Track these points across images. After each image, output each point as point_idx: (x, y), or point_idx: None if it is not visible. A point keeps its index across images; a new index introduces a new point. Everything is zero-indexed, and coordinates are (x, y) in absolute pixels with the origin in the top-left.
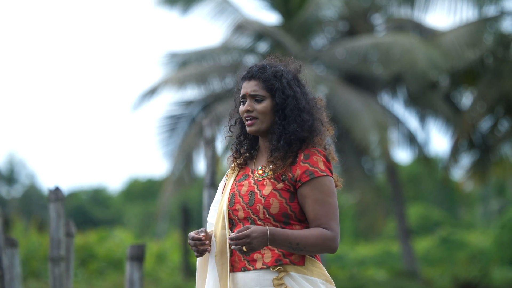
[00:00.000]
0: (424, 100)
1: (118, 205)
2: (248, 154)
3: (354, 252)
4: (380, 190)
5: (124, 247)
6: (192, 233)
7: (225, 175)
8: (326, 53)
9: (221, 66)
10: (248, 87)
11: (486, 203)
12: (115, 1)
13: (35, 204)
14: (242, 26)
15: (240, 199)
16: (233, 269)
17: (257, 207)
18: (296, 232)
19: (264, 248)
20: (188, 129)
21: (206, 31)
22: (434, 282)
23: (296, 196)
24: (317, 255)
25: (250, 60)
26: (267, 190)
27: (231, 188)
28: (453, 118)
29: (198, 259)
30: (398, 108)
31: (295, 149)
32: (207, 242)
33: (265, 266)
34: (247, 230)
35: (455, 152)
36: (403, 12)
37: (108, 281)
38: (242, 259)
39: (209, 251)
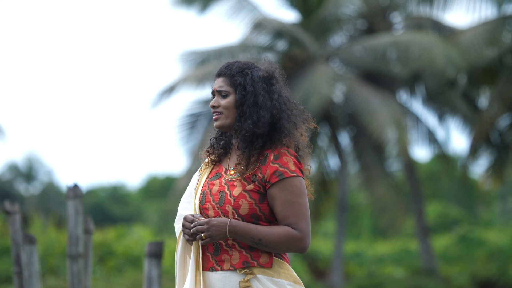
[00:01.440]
0: (442, 99)
1: (137, 202)
2: (222, 150)
3: (372, 250)
4: (399, 188)
5: (143, 244)
6: (189, 215)
7: (199, 169)
8: (345, 51)
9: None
10: (216, 83)
11: (504, 201)
12: (134, 1)
13: (53, 201)
14: (260, 24)
15: (211, 198)
16: (202, 268)
17: (227, 208)
18: (260, 228)
19: (232, 249)
20: (208, 126)
21: (224, 29)
22: (453, 280)
23: (266, 197)
24: (285, 257)
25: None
26: (237, 191)
27: (203, 186)
28: (471, 116)
29: (178, 254)
30: (417, 106)
31: (257, 146)
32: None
33: (232, 268)
34: (208, 219)
35: (473, 150)
36: (422, 10)
37: (127, 278)
38: (210, 258)
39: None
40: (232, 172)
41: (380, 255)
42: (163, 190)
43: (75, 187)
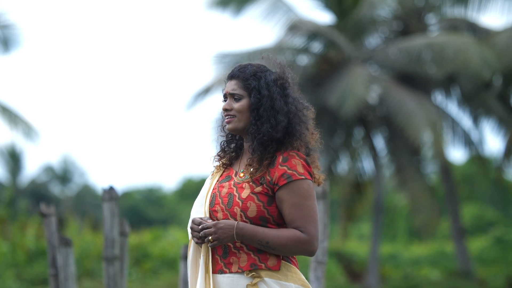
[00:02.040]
0: (477, 100)
1: (173, 205)
2: (234, 154)
3: (408, 252)
4: (434, 190)
5: (178, 246)
6: (197, 218)
7: (211, 173)
8: (380, 53)
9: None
10: (229, 86)
11: None
12: (169, 4)
13: (89, 203)
14: (295, 26)
15: (220, 201)
16: (212, 270)
17: (235, 210)
18: (268, 230)
19: (240, 251)
20: None
21: (259, 31)
22: (489, 282)
23: (275, 200)
24: (293, 260)
25: (304, 60)
26: (245, 193)
27: (213, 189)
28: (507, 117)
29: (190, 257)
30: (452, 108)
31: (271, 150)
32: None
33: (240, 271)
34: (215, 221)
35: (508, 152)
36: (457, 11)
37: (162, 280)
38: (219, 261)
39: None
40: (241, 175)
41: (416, 257)
42: (199, 192)
43: (111, 189)
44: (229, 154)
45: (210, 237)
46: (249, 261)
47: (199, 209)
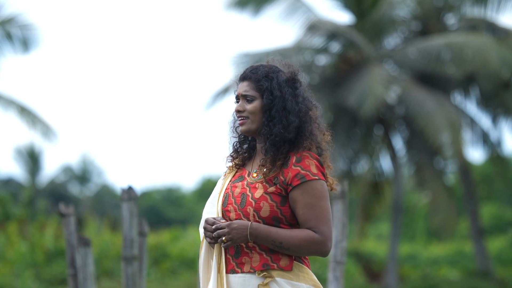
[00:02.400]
0: (496, 100)
1: (192, 205)
2: (246, 154)
3: (427, 252)
4: (452, 190)
5: (197, 246)
6: (211, 218)
7: (223, 173)
8: (399, 53)
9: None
10: (241, 87)
11: None
12: (188, 4)
13: (107, 203)
14: (314, 26)
15: (233, 201)
16: (225, 270)
17: (248, 210)
18: (281, 231)
19: (253, 251)
20: None
21: (277, 31)
22: (508, 282)
23: (288, 200)
24: (305, 260)
25: (322, 60)
26: (258, 193)
27: (226, 189)
28: None
29: (201, 257)
30: (471, 108)
31: (284, 151)
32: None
33: (252, 270)
34: (228, 222)
35: None
36: (476, 11)
37: (181, 280)
38: (231, 261)
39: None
40: (254, 175)
41: (434, 257)
42: None
43: (130, 189)
44: (242, 155)
45: (223, 238)
46: (261, 261)
47: (211, 210)
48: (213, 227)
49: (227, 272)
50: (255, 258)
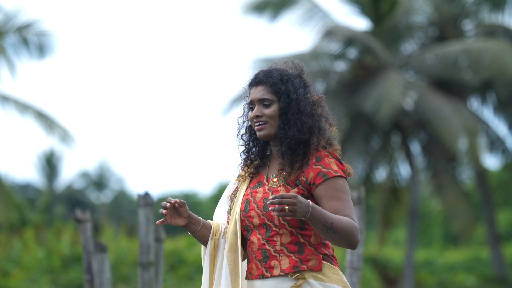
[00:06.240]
0: None
1: (208, 211)
2: (258, 161)
3: (443, 258)
4: (469, 196)
5: None
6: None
7: (236, 179)
8: (416, 59)
9: (310, 72)
10: (256, 92)
11: None
12: (206, 9)
13: (124, 209)
14: (331, 32)
15: (255, 206)
16: (250, 276)
17: (272, 213)
18: (330, 213)
19: (281, 254)
20: None
21: (295, 37)
22: None
23: (311, 200)
24: (334, 259)
25: (340, 66)
26: None
27: (245, 195)
28: None
29: (207, 254)
30: (488, 114)
31: (300, 152)
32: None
33: (283, 273)
34: (294, 193)
35: None
36: (494, 17)
37: (197, 286)
38: (259, 266)
39: (163, 214)
40: (275, 180)
41: (451, 263)
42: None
43: (146, 195)
44: (254, 163)
45: (286, 207)
46: (291, 263)
47: (220, 212)
48: (280, 194)
49: (255, 278)
50: (284, 261)
